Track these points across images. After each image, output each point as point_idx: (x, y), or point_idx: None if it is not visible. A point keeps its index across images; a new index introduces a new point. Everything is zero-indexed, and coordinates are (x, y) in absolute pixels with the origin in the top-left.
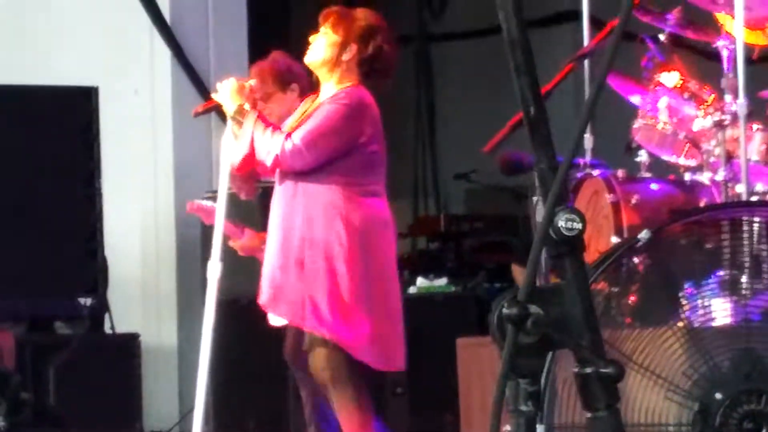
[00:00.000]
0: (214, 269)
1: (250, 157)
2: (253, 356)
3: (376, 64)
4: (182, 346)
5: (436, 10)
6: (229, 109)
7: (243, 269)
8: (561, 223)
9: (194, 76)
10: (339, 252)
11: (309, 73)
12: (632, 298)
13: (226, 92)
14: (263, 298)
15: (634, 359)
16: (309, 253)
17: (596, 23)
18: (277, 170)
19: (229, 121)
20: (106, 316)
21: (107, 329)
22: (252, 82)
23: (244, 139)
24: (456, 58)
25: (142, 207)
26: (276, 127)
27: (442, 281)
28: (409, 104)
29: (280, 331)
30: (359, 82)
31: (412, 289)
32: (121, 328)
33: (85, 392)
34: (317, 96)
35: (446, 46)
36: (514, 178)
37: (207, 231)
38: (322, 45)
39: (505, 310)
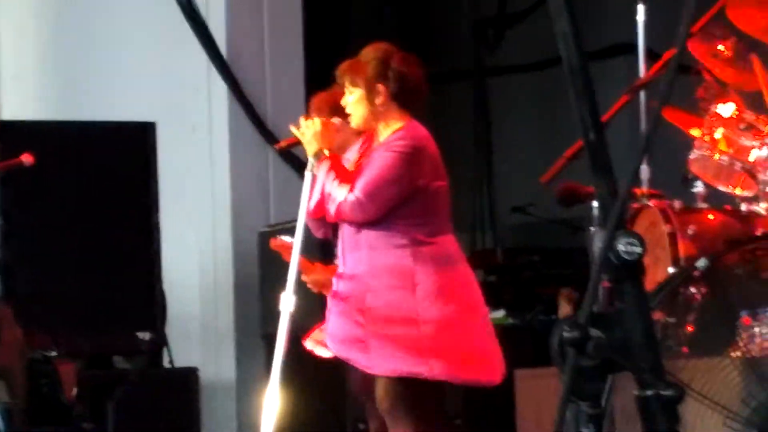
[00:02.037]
0: (288, 302)
1: (322, 203)
2: (312, 390)
3: (407, 87)
4: (240, 380)
5: (491, 44)
6: (309, 150)
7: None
8: (621, 247)
9: (251, 111)
10: (409, 298)
11: None
12: (689, 328)
13: (309, 133)
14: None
15: (691, 387)
16: (371, 300)
17: (652, 55)
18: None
19: (310, 160)
20: (165, 350)
21: (166, 364)
22: (336, 120)
23: (318, 184)
24: (512, 91)
25: (200, 242)
26: (345, 178)
27: (499, 314)
28: (465, 138)
29: (341, 367)
30: (406, 115)
31: None
32: (180, 362)
33: (144, 427)
34: (371, 138)
35: (502, 80)
36: (570, 211)
37: (264, 266)
38: (353, 106)
39: (566, 334)
